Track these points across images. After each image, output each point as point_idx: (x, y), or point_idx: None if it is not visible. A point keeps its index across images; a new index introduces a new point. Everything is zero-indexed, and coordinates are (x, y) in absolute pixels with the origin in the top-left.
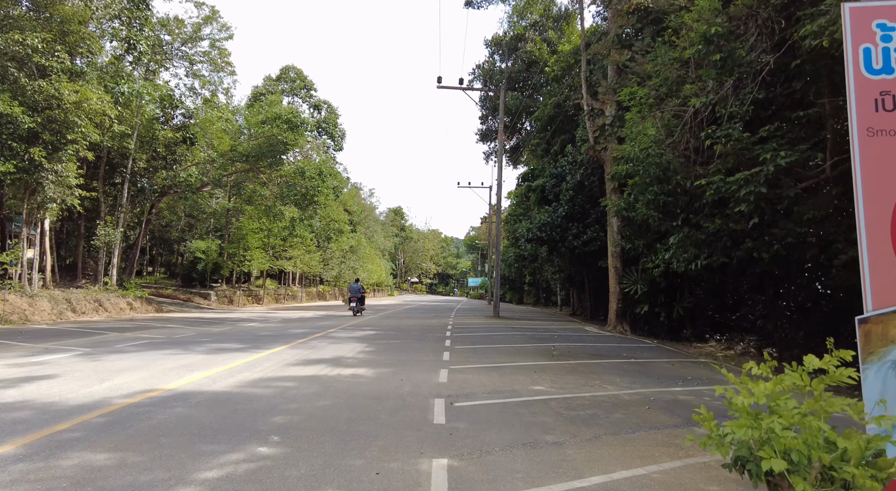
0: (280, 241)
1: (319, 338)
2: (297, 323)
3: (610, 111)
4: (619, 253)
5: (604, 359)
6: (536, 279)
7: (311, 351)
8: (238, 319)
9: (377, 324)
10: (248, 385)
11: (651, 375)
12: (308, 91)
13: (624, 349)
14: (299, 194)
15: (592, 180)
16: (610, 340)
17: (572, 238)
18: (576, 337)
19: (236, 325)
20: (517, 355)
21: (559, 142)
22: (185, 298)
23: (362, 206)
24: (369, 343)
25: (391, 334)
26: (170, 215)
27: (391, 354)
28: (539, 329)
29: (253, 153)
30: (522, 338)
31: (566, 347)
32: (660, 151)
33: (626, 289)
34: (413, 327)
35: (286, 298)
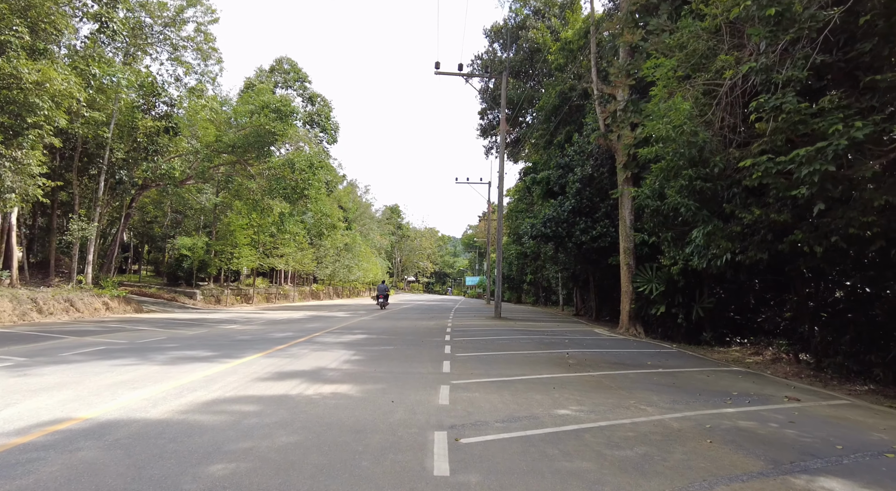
0: (269, 238)
1: (303, 343)
2: (282, 325)
3: (622, 95)
4: (632, 249)
5: (628, 368)
6: (537, 278)
7: (288, 360)
8: (220, 320)
9: (369, 326)
10: (197, 410)
11: (689, 389)
12: (302, 83)
13: (645, 356)
14: (289, 188)
15: (602, 171)
16: (626, 344)
17: (580, 233)
18: (588, 341)
19: (215, 327)
20: (528, 365)
21: (564, 133)
22: (170, 297)
23: (357, 202)
24: (358, 350)
25: (384, 339)
26: (155, 211)
27: (382, 364)
28: (546, 332)
29: (239, 144)
30: (530, 343)
31: (581, 355)
32: (695, 128)
33: (639, 288)
34: (409, 330)
35: (277, 298)
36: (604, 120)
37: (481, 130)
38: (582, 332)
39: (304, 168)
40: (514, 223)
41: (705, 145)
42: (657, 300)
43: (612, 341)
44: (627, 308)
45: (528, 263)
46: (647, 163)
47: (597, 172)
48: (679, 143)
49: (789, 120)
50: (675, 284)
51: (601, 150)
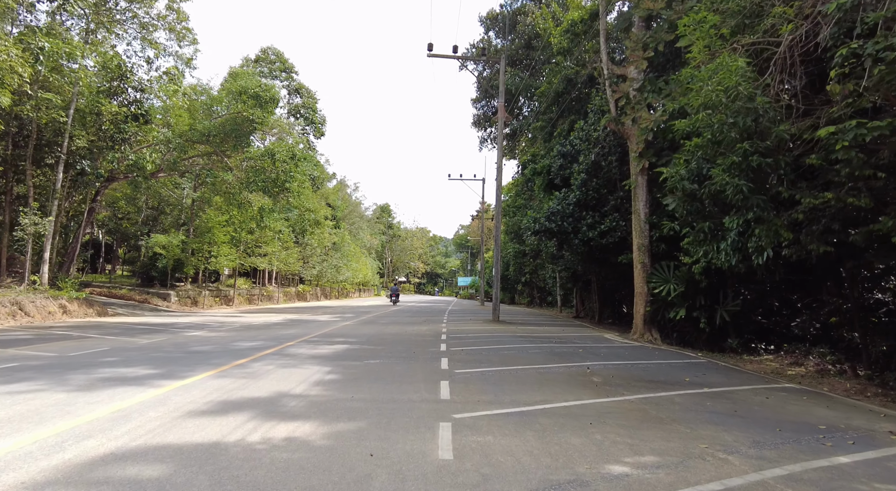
0: (248, 235)
1: (270, 356)
2: (255, 331)
3: (637, 73)
4: (647, 246)
5: (667, 388)
6: (533, 278)
7: (243, 382)
8: (188, 324)
9: (354, 332)
10: (64, 481)
11: (760, 421)
12: (289, 74)
13: (675, 369)
14: (268, 180)
15: (610, 160)
16: (646, 353)
17: (587, 229)
18: (604, 350)
19: (178, 334)
20: (547, 385)
21: (567, 122)
22: (142, 298)
23: (347, 200)
24: (335, 366)
25: (368, 350)
26: (128, 207)
27: (363, 386)
28: (553, 338)
29: (215, 133)
30: (540, 353)
31: (604, 369)
32: (752, 90)
33: (655, 289)
34: (398, 337)
35: (261, 299)
36: (615, 102)
37: (475, 121)
38: (592, 338)
39: (286, 159)
40: (511, 220)
41: (763, 113)
42: (676, 302)
43: (630, 350)
44: (642, 311)
45: (526, 262)
46: (665, 149)
47: (604, 161)
48: (731, 111)
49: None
50: (696, 284)
51: (610, 137)
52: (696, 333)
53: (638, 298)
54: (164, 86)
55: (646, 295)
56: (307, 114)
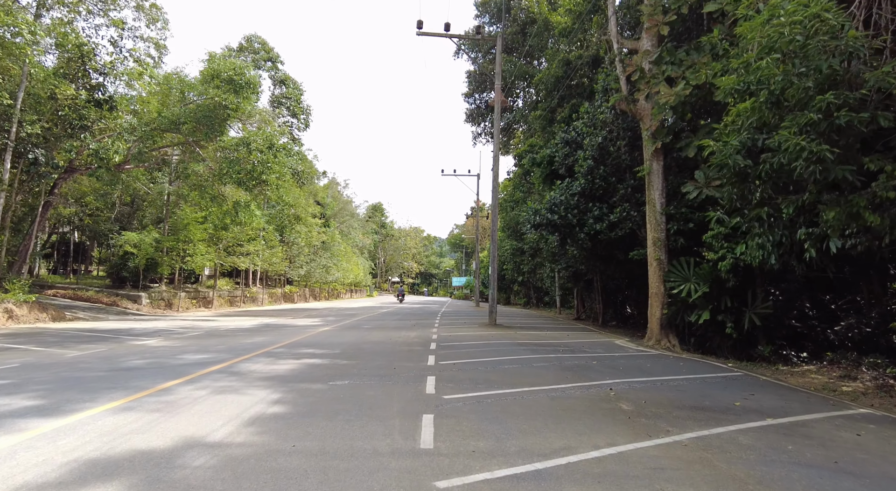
0: (223, 232)
1: (212, 375)
2: (216, 339)
3: (651, 44)
4: (664, 240)
5: (723, 421)
6: (529, 278)
7: (150, 419)
8: (146, 331)
9: (330, 341)
10: None
11: (881, 479)
12: (273, 63)
13: (714, 386)
14: (243, 171)
15: (620, 145)
16: (669, 364)
17: (594, 221)
18: (622, 362)
19: (124, 343)
20: (565, 419)
21: (568, 108)
22: (110, 301)
23: (337, 197)
24: (289, 390)
25: (339, 366)
26: (96, 202)
27: (314, 426)
28: (558, 346)
29: (184, 120)
30: (547, 367)
31: (629, 388)
32: (842, 21)
33: (674, 289)
34: (380, 347)
35: (244, 301)
36: (626, 78)
37: (468, 115)
38: (602, 345)
39: (263, 149)
40: (508, 215)
41: (855, 52)
42: (699, 304)
43: (650, 360)
44: (658, 315)
45: (524, 260)
46: (685, 129)
47: (612, 146)
48: (807, 52)
49: None
50: (722, 284)
51: (618, 120)
52: (719, 338)
53: (653, 300)
54: (129, 69)
55: (662, 296)
56: (291, 105)
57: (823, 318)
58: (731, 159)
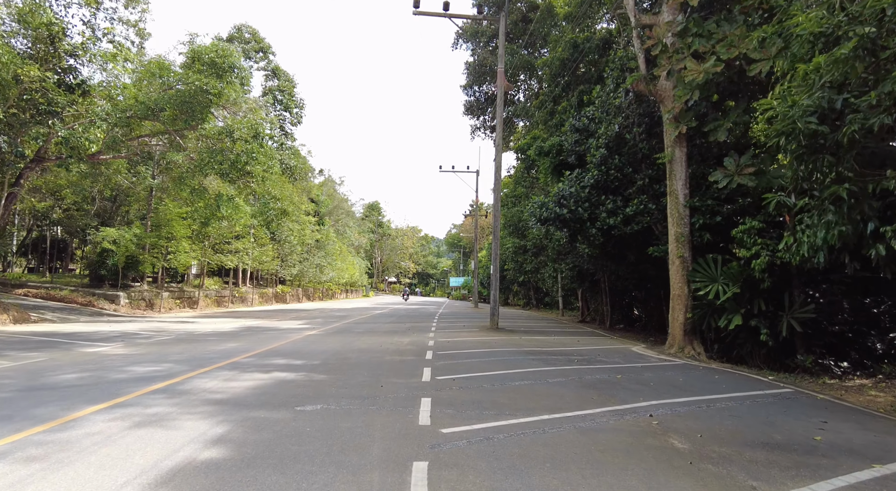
0: (202, 227)
1: (149, 396)
2: (182, 346)
3: (673, 14)
4: (688, 236)
5: (827, 471)
6: (530, 278)
7: (20, 475)
8: (110, 335)
9: (311, 348)
10: None
11: None
12: (265, 54)
13: (773, 409)
14: (226, 162)
15: (636, 132)
16: (706, 378)
17: (606, 215)
18: (649, 375)
19: (72, 350)
20: (608, 470)
21: (576, 93)
22: (85, 301)
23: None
24: (239, 421)
25: (313, 383)
26: (74, 196)
27: (258, 485)
28: (571, 355)
29: (162, 106)
30: (566, 383)
31: (673, 414)
32: None
33: (699, 290)
34: (367, 356)
35: (233, 301)
36: (645, 55)
37: (467, 108)
38: (619, 353)
39: (247, 138)
40: (510, 211)
41: None
42: (728, 307)
43: (679, 372)
44: (681, 319)
45: (526, 259)
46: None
47: (629, 133)
48: None
49: None
50: (755, 285)
51: (634, 105)
52: (751, 346)
53: (675, 302)
54: (103, 51)
55: (686, 298)
56: (284, 98)
57: (864, 323)
58: (800, 122)
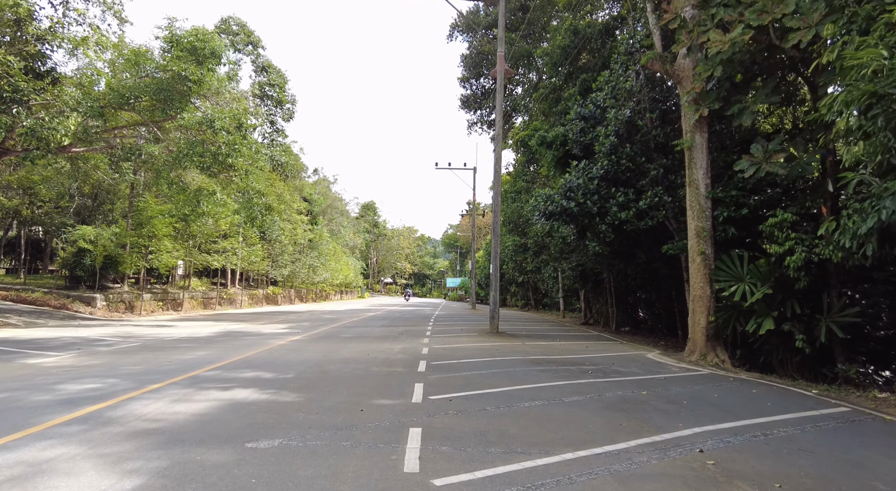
0: (184, 223)
1: (58, 429)
2: (141, 356)
3: None
4: (710, 230)
5: None
6: (530, 278)
7: None
8: (69, 341)
9: (287, 358)
10: None
11: None
12: (254, 47)
13: (852, 439)
14: (207, 155)
15: (650, 117)
16: (741, 392)
17: (617, 209)
18: (678, 391)
19: (12, 361)
20: None
21: (579, 82)
22: (58, 303)
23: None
24: (163, 469)
25: (279, 406)
26: (49, 193)
27: None
28: (583, 364)
29: (137, 94)
30: (586, 404)
31: (730, 450)
32: None
33: (724, 290)
34: (351, 369)
35: (221, 303)
36: (662, 30)
37: (464, 102)
38: (635, 361)
39: (229, 129)
40: (510, 207)
41: None
42: (758, 310)
43: (710, 386)
44: (703, 323)
45: (527, 258)
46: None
47: (640, 120)
48: None
49: None
50: (789, 285)
51: (648, 88)
52: (782, 353)
53: (696, 304)
54: (73, 36)
55: (708, 299)
56: (274, 93)
57: None
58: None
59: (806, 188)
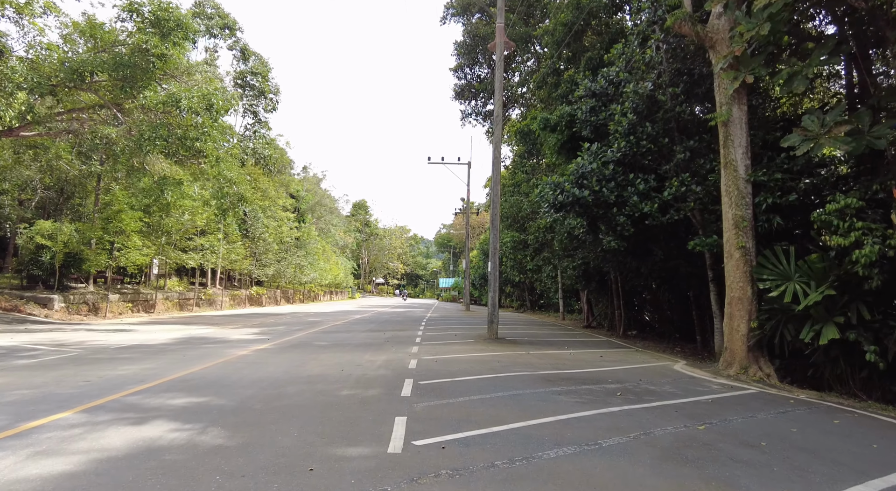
0: (144, 216)
1: None
2: (60, 370)
3: None
4: (751, 220)
5: None
6: (526, 278)
7: None
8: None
9: (238, 377)
10: None
11: None
12: (231, 31)
13: None
14: (173, 138)
15: (674, 92)
16: (828, 426)
17: (638, 199)
18: (741, 424)
19: None
20: None
21: (584, 61)
22: (10, 305)
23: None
24: None
25: (186, 463)
26: (3, 185)
27: None
28: (606, 381)
29: (95, 71)
30: (629, 447)
31: None
32: None
33: (771, 290)
34: (313, 392)
35: (199, 304)
36: None
37: (457, 91)
38: (662, 375)
39: (198, 109)
40: (508, 201)
41: None
42: (815, 315)
43: (778, 414)
44: (744, 329)
45: (527, 255)
46: (780, 50)
47: (662, 95)
48: None
49: None
50: (854, 284)
51: (668, 61)
52: (842, 367)
53: (734, 307)
54: (16, 2)
55: (749, 301)
56: (256, 82)
57: None
58: None
59: (869, 169)
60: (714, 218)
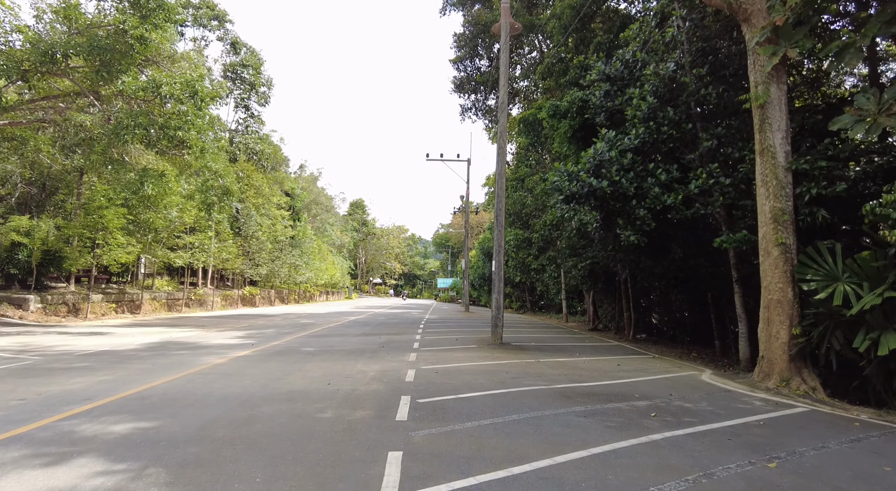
0: (125, 212)
1: None
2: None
3: None
4: (791, 213)
5: None
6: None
7: None
8: None
9: (204, 393)
10: None
11: None
12: (220, 22)
13: None
14: (154, 127)
15: (698, 73)
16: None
17: (660, 190)
18: (813, 458)
19: None
20: None
21: (592, 47)
22: None
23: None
24: None
25: None
26: None
27: None
28: (632, 398)
29: (68, 53)
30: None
31: None
32: None
33: (819, 293)
34: (289, 415)
35: (189, 304)
36: None
37: (457, 84)
38: (693, 389)
39: (181, 97)
40: (512, 196)
41: None
42: (871, 321)
43: (853, 443)
44: (785, 336)
45: (531, 254)
46: (829, 21)
47: (685, 77)
48: None
49: None
50: None
51: (694, 38)
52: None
53: (773, 311)
54: None
55: (790, 305)
56: (248, 75)
57: None
58: None
59: None
60: (741, 213)
